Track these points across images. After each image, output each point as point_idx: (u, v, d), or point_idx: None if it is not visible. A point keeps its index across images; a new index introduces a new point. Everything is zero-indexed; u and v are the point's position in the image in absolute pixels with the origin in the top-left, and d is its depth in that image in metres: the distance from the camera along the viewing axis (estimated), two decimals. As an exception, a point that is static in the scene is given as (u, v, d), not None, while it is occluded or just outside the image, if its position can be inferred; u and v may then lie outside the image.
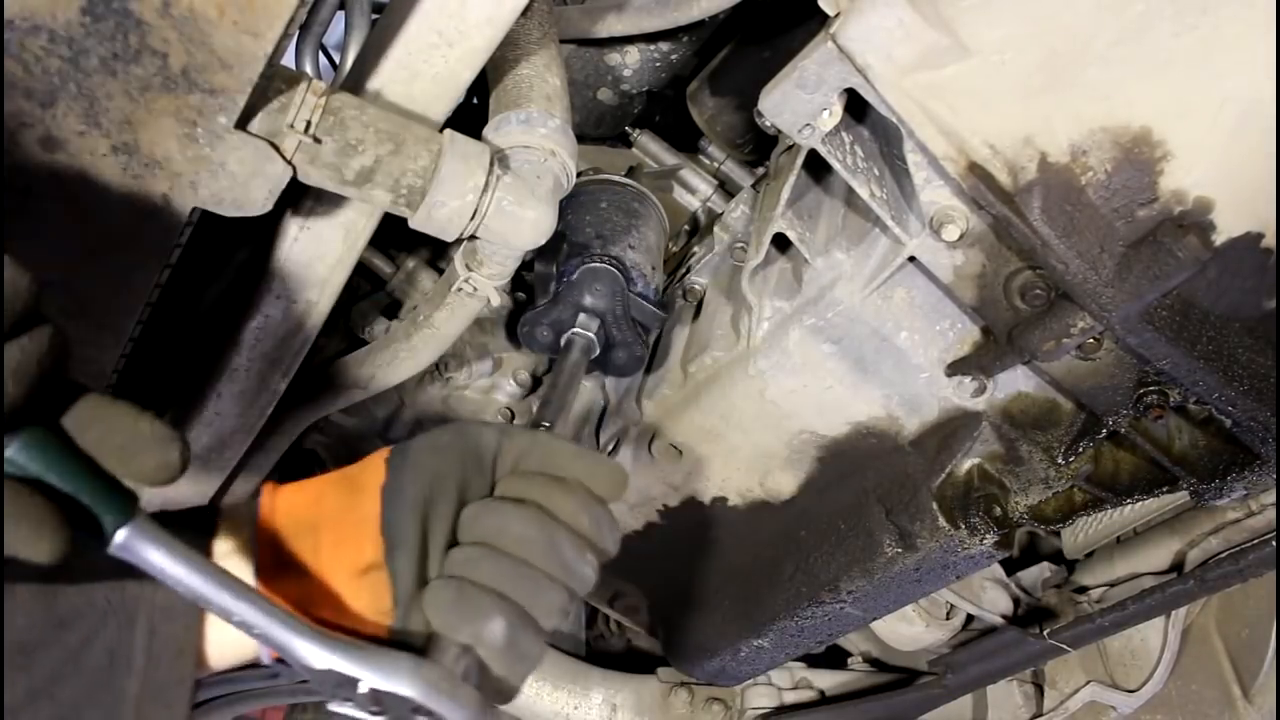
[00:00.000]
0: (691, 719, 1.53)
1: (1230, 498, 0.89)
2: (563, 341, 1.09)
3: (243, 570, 0.60)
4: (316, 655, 0.55)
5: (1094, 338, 0.83)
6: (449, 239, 0.78)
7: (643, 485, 1.21)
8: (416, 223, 0.77)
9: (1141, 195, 0.74)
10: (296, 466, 1.50)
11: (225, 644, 0.62)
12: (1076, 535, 1.32)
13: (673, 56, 1.23)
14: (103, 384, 0.90)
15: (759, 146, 1.40)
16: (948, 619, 1.33)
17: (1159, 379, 0.84)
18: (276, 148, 0.70)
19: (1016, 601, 1.32)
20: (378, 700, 0.56)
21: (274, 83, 0.70)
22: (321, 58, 1.11)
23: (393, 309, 1.27)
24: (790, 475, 1.13)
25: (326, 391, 1.10)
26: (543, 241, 0.80)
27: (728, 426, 1.10)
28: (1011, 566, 1.38)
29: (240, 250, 1.01)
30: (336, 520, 0.62)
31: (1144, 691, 1.28)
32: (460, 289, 0.90)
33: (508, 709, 1.60)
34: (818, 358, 1.00)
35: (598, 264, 1.07)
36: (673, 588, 1.36)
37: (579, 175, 1.08)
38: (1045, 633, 1.21)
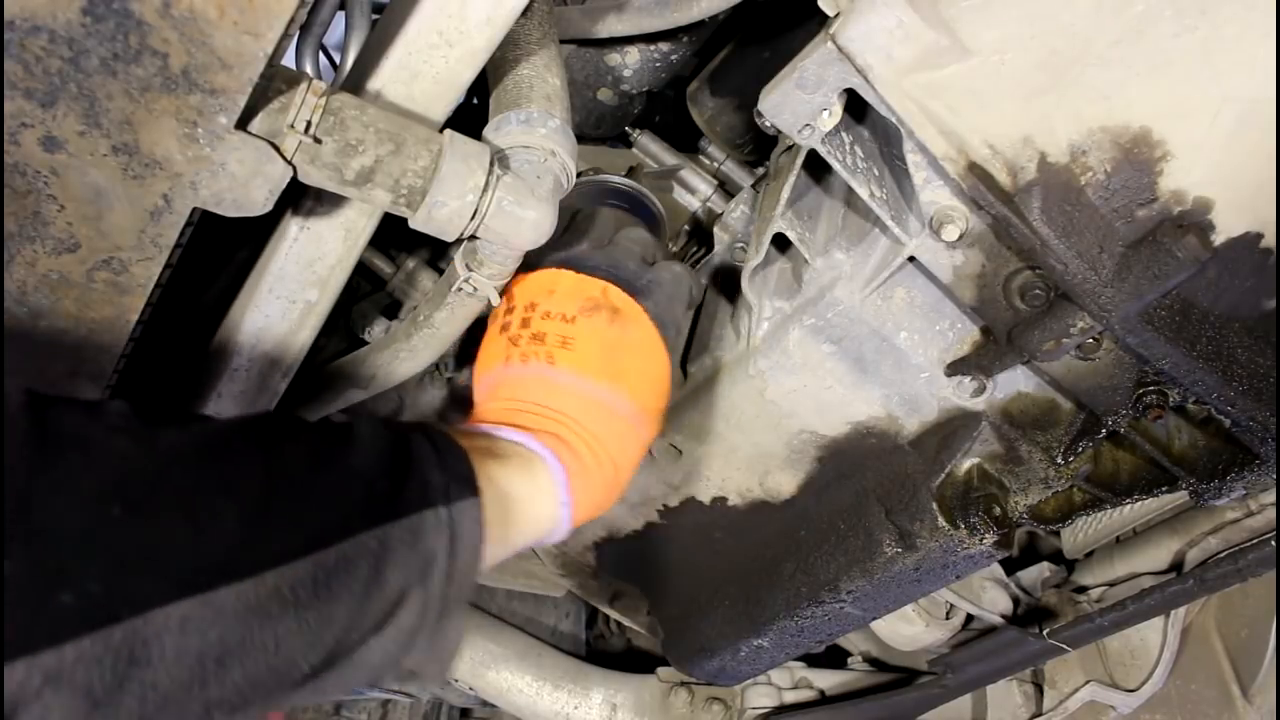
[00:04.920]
0: (691, 719, 1.53)
1: (1229, 498, 0.89)
2: None
3: None
4: None
5: (1093, 338, 0.83)
6: (449, 239, 0.78)
7: (643, 485, 1.21)
8: (416, 223, 0.77)
9: (1141, 195, 0.74)
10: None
11: None
12: (1076, 535, 1.32)
13: (673, 56, 1.23)
14: (103, 384, 0.90)
15: (759, 146, 1.40)
16: (947, 619, 1.33)
17: (1158, 379, 0.84)
18: (277, 148, 0.70)
19: (1016, 601, 1.33)
20: None
21: (274, 83, 0.70)
22: (321, 58, 1.11)
23: (393, 309, 1.27)
24: (790, 475, 1.13)
25: (326, 391, 1.10)
26: (543, 241, 0.80)
27: (728, 426, 1.10)
28: (1011, 566, 1.38)
29: (240, 250, 1.01)
30: None
31: (1143, 691, 1.28)
32: (460, 289, 0.89)
33: (508, 709, 1.62)
34: (818, 358, 1.00)
35: None
36: (672, 587, 1.36)
37: (579, 175, 1.08)
38: (1045, 632, 1.21)
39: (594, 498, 0.78)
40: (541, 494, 0.73)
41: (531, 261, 0.85)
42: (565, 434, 0.76)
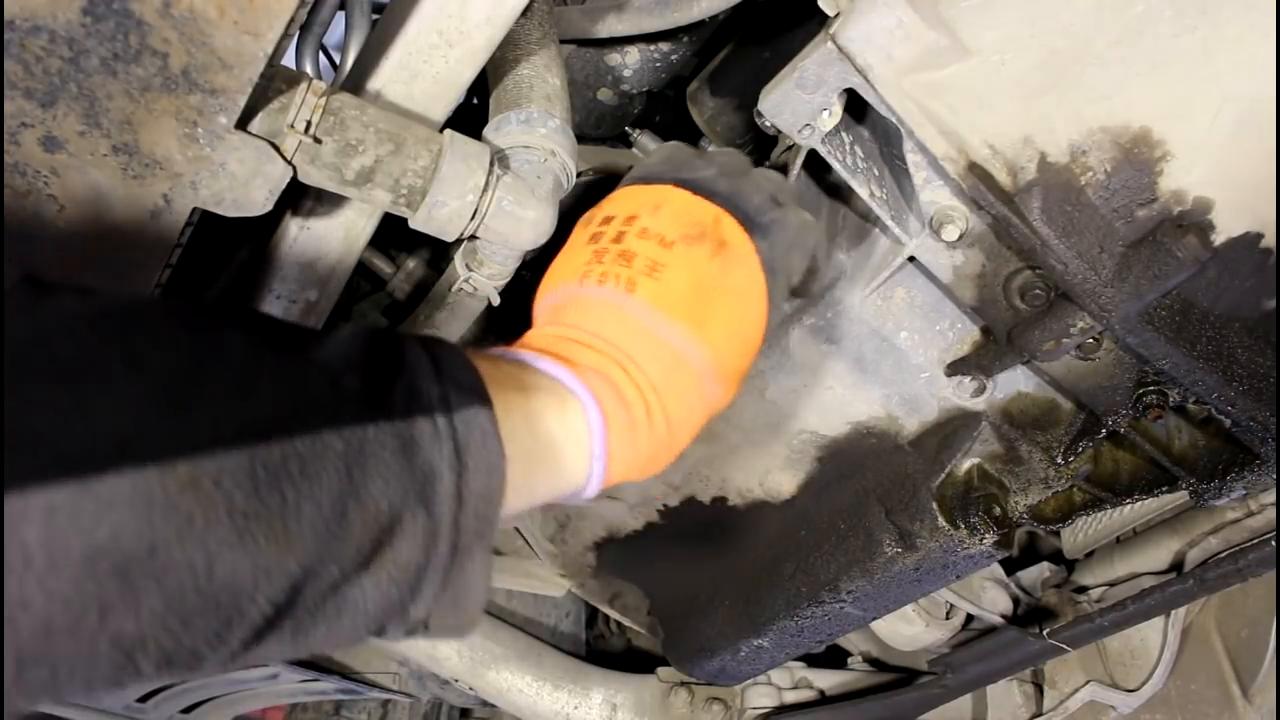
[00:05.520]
0: (691, 719, 1.53)
1: (1230, 498, 0.89)
2: None
3: None
4: None
5: (1093, 338, 0.83)
6: (449, 239, 0.78)
7: (643, 485, 1.21)
8: (416, 223, 0.77)
9: (1141, 195, 0.74)
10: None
11: None
12: (1076, 535, 1.32)
13: (673, 56, 1.23)
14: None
15: (759, 146, 1.40)
16: (947, 619, 1.33)
17: (1158, 379, 0.84)
18: (277, 148, 0.70)
19: (1016, 601, 1.33)
20: None
21: (274, 83, 0.70)
22: (321, 58, 1.11)
23: (393, 309, 1.27)
24: (790, 475, 1.13)
25: (326, 391, 1.09)
26: (543, 241, 0.80)
27: (728, 426, 1.10)
28: (1011, 566, 1.38)
29: (240, 250, 1.01)
30: None
31: (1143, 691, 1.28)
32: (460, 289, 0.90)
33: (508, 709, 1.62)
34: (818, 358, 1.00)
35: None
36: (672, 587, 1.36)
37: (579, 175, 1.08)
38: (1045, 632, 1.21)
39: (638, 457, 0.66)
40: (571, 439, 0.60)
41: (652, 176, 0.75)
42: (617, 376, 0.64)
